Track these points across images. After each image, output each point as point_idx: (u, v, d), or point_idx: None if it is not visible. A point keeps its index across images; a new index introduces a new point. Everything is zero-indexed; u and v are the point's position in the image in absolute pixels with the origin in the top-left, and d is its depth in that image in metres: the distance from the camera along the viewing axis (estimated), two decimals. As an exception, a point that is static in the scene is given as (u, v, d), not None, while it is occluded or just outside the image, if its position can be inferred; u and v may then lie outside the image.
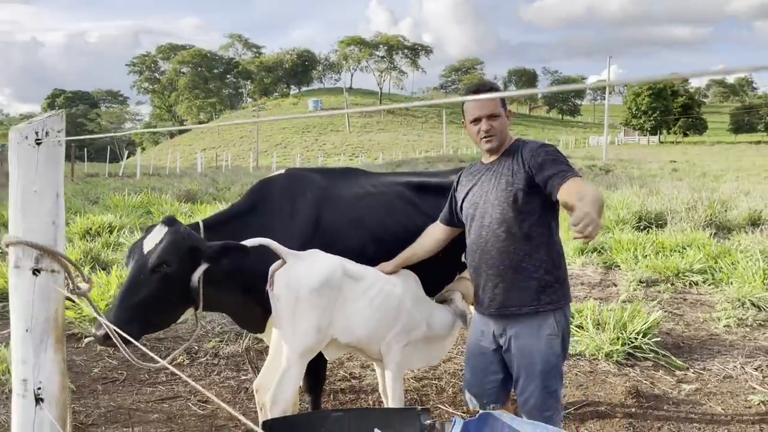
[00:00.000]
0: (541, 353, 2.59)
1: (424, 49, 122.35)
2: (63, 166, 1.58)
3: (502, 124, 2.68)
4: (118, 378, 4.42)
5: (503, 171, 2.64)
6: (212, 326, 5.52)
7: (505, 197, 2.59)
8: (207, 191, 17.67)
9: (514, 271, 2.60)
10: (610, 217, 11.35)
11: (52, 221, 1.55)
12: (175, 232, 2.69)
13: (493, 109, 2.64)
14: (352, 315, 2.79)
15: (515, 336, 2.64)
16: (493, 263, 2.64)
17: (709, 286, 7.25)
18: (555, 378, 2.62)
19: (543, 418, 2.54)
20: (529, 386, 2.61)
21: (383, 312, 2.83)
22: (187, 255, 2.66)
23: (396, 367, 2.90)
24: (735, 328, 5.72)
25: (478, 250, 2.70)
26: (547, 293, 2.60)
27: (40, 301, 1.55)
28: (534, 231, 2.59)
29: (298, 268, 2.72)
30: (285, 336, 2.70)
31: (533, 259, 2.60)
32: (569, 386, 4.34)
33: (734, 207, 12.05)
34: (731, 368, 4.72)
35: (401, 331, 2.91)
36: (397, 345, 2.90)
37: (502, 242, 2.60)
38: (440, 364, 4.73)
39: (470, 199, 2.77)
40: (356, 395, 4.21)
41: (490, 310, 2.69)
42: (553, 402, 2.62)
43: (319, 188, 3.19)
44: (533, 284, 2.59)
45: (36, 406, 1.55)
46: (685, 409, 4.01)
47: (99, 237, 9.31)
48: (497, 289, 2.64)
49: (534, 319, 2.60)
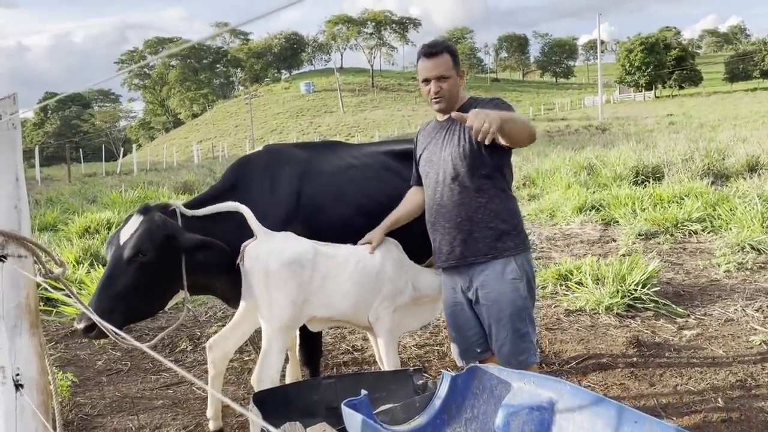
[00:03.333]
0: (508, 297, 2.63)
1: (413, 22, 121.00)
2: (20, 148, 1.56)
3: (452, 84, 2.70)
4: (122, 369, 4.44)
5: (455, 128, 2.69)
6: (214, 311, 5.53)
7: (457, 153, 2.65)
8: (204, 181, 17.65)
9: (471, 222, 2.65)
10: (607, 175, 11.32)
11: (14, 206, 1.53)
12: (150, 220, 2.68)
13: (443, 70, 2.67)
14: (332, 290, 2.80)
15: (481, 286, 2.67)
16: (449, 216, 2.69)
17: (708, 233, 7.24)
18: (524, 321, 2.66)
19: (518, 362, 2.57)
20: (501, 333, 2.64)
21: (363, 283, 2.83)
22: (163, 243, 2.65)
23: (387, 333, 2.90)
24: (735, 272, 5.72)
25: (434, 205, 2.76)
26: (503, 240, 2.66)
27: (10, 288, 1.54)
28: (486, 183, 2.65)
29: (269, 243, 2.74)
30: (261, 312, 2.72)
31: (488, 209, 2.65)
32: (570, 341, 4.35)
33: (732, 154, 11.98)
34: (732, 312, 4.73)
35: (386, 298, 2.90)
36: (384, 312, 2.89)
37: (457, 195, 2.66)
38: (442, 330, 4.75)
39: (426, 157, 2.83)
40: (359, 367, 4.23)
41: (450, 262, 2.73)
42: (526, 345, 2.66)
43: (300, 162, 3.16)
44: (489, 233, 2.65)
45: (16, 392, 1.55)
46: (686, 355, 4.02)
47: (98, 234, 9.31)
48: (455, 242, 2.69)
49: (496, 266, 2.64)
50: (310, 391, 2.26)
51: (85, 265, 6.75)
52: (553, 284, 5.52)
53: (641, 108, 62.69)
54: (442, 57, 2.67)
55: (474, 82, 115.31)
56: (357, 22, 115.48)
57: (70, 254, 7.21)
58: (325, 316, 2.85)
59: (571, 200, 9.43)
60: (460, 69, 2.74)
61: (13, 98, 1.54)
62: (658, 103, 70.49)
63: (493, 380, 1.91)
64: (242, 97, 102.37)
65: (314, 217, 3.03)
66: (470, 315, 2.77)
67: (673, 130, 25.47)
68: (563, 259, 6.15)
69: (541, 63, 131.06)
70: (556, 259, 6.55)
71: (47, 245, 8.28)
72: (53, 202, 14.22)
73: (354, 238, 3.00)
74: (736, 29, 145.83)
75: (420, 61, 2.72)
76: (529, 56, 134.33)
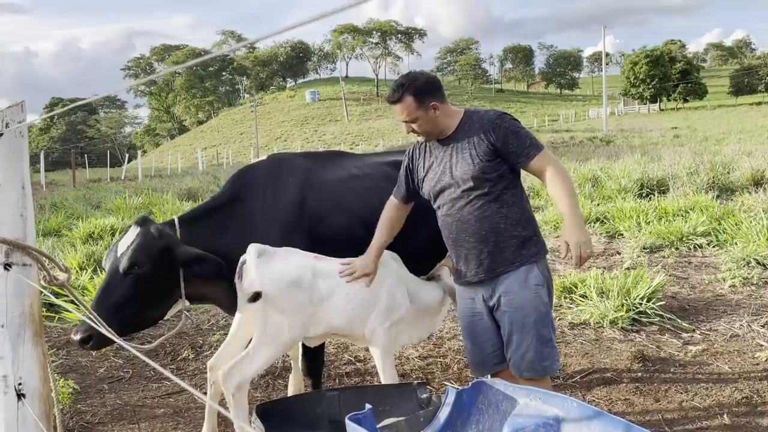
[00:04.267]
0: (532, 304, 2.62)
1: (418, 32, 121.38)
2: (27, 157, 1.55)
3: (424, 122, 2.68)
4: (124, 376, 4.43)
5: (463, 146, 2.67)
6: (216, 319, 5.52)
7: (472, 169, 2.62)
8: (208, 188, 17.66)
9: (495, 233, 2.65)
10: (611, 187, 11.29)
11: (20, 214, 1.53)
12: (146, 233, 2.69)
13: (406, 116, 2.67)
14: (328, 310, 2.77)
15: (504, 293, 2.66)
16: (472, 231, 2.67)
17: (713, 248, 7.20)
18: (548, 327, 2.67)
19: (542, 368, 2.59)
20: (525, 340, 2.62)
21: (359, 299, 2.80)
22: (159, 255, 2.66)
23: (383, 348, 2.86)
24: (740, 287, 5.68)
25: (453, 222, 2.72)
26: (527, 247, 2.68)
27: (14, 296, 1.53)
28: (505, 193, 2.66)
29: (268, 265, 2.69)
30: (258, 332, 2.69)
31: (509, 219, 2.66)
32: (575, 355, 4.32)
33: (737, 168, 11.95)
34: (737, 327, 4.69)
35: (382, 312, 2.86)
36: (380, 327, 2.85)
37: (478, 210, 2.65)
38: (445, 342, 4.72)
39: (433, 177, 2.78)
40: (361, 378, 4.20)
41: (479, 276, 2.71)
42: (549, 350, 2.66)
43: (303, 172, 3.15)
44: (514, 242, 2.66)
45: (18, 402, 1.54)
46: (692, 370, 3.99)
47: (101, 240, 9.31)
48: (482, 255, 2.67)
49: (519, 273, 2.65)
50: (313, 404, 2.24)
51: (89, 271, 6.75)
52: (557, 297, 5.48)
53: (646, 120, 62.67)
54: (404, 102, 2.64)
55: (479, 92, 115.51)
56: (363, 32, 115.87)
57: (73, 260, 7.21)
58: (321, 333, 2.82)
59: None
60: (430, 102, 2.65)
61: (21, 106, 1.54)
62: (663, 116, 70.49)
63: (499, 396, 1.89)
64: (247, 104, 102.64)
65: (316, 227, 3.02)
66: (489, 325, 2.76)
67: (678, 143, 25.47)
68: (568, 272, 6.13)
69: (545, 74, 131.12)
70: (561, 271, 6.52)
71: (51, 250, 8.29)
72: (58, 207, 14.24)
73: (355, 248, 2.96)
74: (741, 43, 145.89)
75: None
76: (534, 67, 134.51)
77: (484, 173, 2.61)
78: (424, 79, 2.70)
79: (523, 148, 2.58)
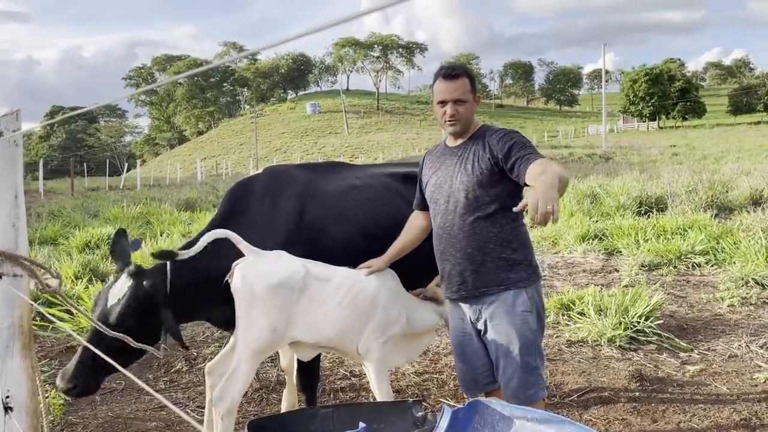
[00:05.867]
0: (518, 330, 2.56)
1: (419, 47, 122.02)
2: (21, 166, 1.53)
3: (468, 109, 2.67)
4: (116, 388, 4.38)
5: (468, 156, 2.64)
6: (212, 331, 5.47)
7: (470, 181, 2.59)
8: (207, 199, 17.65)
9: (482, 252, 2.60)
10: (610, 204, 11.29)
11: (11, 224, 1.50)
12: (137, 287, 2.71)
13: (460, 94, 2.64)
14: (319, 316, 2.73)
15: (490, 317, 2.62)
16: (460, 246, 2.63)
17: (711, 267, 7.18)
18: (533, 354, 2.59)
19: (526, 397, 2.52)
20: (509, 367, 2.58)
21: (353, 310, 2.77)
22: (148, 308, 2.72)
23: (378, 364, 2.82)
24: (739, 307, 5.66)
25: (444, 234, 2.70)
26: (516, 271, 2.60)
27: (4, 307, 1.50)
28: (499, 213, 2.60)
29: (258, 264, 2.70)
30: (239, 332, 2.68)
31: (499, 239, 2.60)
32: (572, 373, 4.28)
33: (735, 187, 11.96)
34: (736, 347, 4.66)
35: (377, 328, 2.83)
36: (375, 342, 2.81)
37: (468, 225, 2.61)
38: (441, 358, 4.69)
39: (434, 183, 2.77)
40: (356, 393, 4.16)
41: (461, 293, 2.67)
42: (534, 379, 2.59)
43: (302, 183, 3.13)
44: (501, 264, 2.59)
45: (5, 415, 1.51)
46: (690, 391, 3.95)
47: (98, 249, 9.28)
48: (466, 272, 2.63)
49: (507, 298, 2.59)
50: (306, 421, 2.21)
51: (84, 280, 6.71)
52: (555, 314, 5.45)
53: (644, 138, 62.87)
54: (461, 80, 2.63)
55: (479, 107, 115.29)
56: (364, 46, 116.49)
57: (69, 269, 7.17)
58: (310, 341, 2.78)
59: (574, 228, 9.39)
60: (476, 95, 2.72)
61: (16, 114, 1.52)
62: (662, 134, 70.73)
63: (495, 415, 1.86)
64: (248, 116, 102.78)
65: (316, 239, 2.99)
66: (478, 346, 2.72)
67: (677, 161, 25.51)
68: (565, 288, 6.10)
69: (545, 90, 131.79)
70: (559, 287, 6.49)
71: (46, 259, 8.25)
72: (55, 215, 14.20)
73: (355, 259, 2.94)
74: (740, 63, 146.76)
75: (438, 82, 2.67)
76: (534, 83, 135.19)
77: (480, 188, 2.57)
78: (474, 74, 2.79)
79: (524, 154, 2.45)
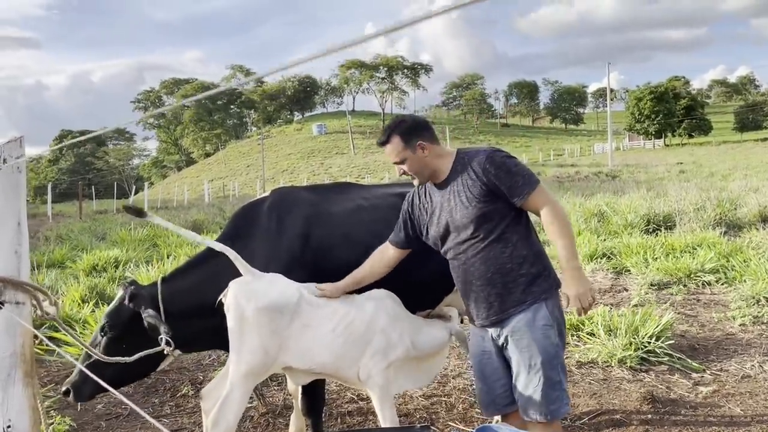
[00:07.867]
0: (540, 345, 2.56)
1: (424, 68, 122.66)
2: (24, 192, 1.53)
3: (413, 162, 2.67)
4: (122, 413, 4.34)
5: (459, 189, 2.64)
6: (218, 354, 5.44)
7: (470, 212, 2.59)
8: (214, 221, 17.69)
9: (502, 274, 2.60)
10: (617, 222, 11.24)
11: (14, 251, 1.49)
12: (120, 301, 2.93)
13: (394, 156, 2.68)
14: (311, 341, 2.70)
15: (511, 333, 2.61)
16: (479, 274, 2.63)
17: (722, 285, 7.10)
18: (556, 369, 2.58)
19: (549, 412, 2.51)
20: (532, 381, 2.56)
21: (347, 338, 2.73)
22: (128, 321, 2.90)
23: (381, 390, 2.77)
24: (751, 326, 5.58)
25: (461, 265, 2.69)
26: (537, 283, 2.61)
27: (5, 336, 1.49)
28: (507, 231, 2.60)
29: (253, 284, 2.68)
30: (231, 353, 2.66)
31: (515, 257, 2.60)
32: (583, 395, 4.22)
33: (744, 204, 11.89)
34: (749, 367, 4.59)
35: (377, 353, 2.78)
36: (376, 368, 2.76)
37: (482, 251, 2.61)
38: (450, 380, 4.63)
39: (435, 222, 2.75)
40: (364, 417, 4.11)
41: (491, 318, 2.66)
42: (557, 393, 2.57)
43: (308, 205, 3.12)
44: (522, 281, 2.60)
45: (6, 445, 1.48)
46: (703, 413, 3.88)
47: (105, 272, 9.28)
48: (491, 297, 2.63)
49: (528, 312, 2.59)
50: (312, 447, 2.17)
51: (90, 304, 6.70)
52: (564, 334, 5.39)
53: (651, 156, 62.85)
54: (390, 144, 2.67)
55: (484, 127, 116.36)
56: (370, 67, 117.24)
57: (75, 292, 7.16)
58: (303, 368, 2.75)
59: (582, 247, 9.33)
60: (417, 141, 2.66)
61: (19, 141, 1.52)
62: (668, 152, 70.66)
63: (505, 442, 1.83)
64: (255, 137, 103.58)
65: (322, 260, 2.98)
66: (498, 365, 2.70)
67: (684, 179, 25.42)
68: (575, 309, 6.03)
69: (550, 110, 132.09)
70: (566, 307, 6.42)
71: (53, 283, 8.25)
72: (63, 238, 14.26)
73: None
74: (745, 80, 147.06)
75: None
76: (539, 103, 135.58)
77: (483, 215, 2.57)
78: (411, 120, 2.74)
79: (516, 188, 2.52)
